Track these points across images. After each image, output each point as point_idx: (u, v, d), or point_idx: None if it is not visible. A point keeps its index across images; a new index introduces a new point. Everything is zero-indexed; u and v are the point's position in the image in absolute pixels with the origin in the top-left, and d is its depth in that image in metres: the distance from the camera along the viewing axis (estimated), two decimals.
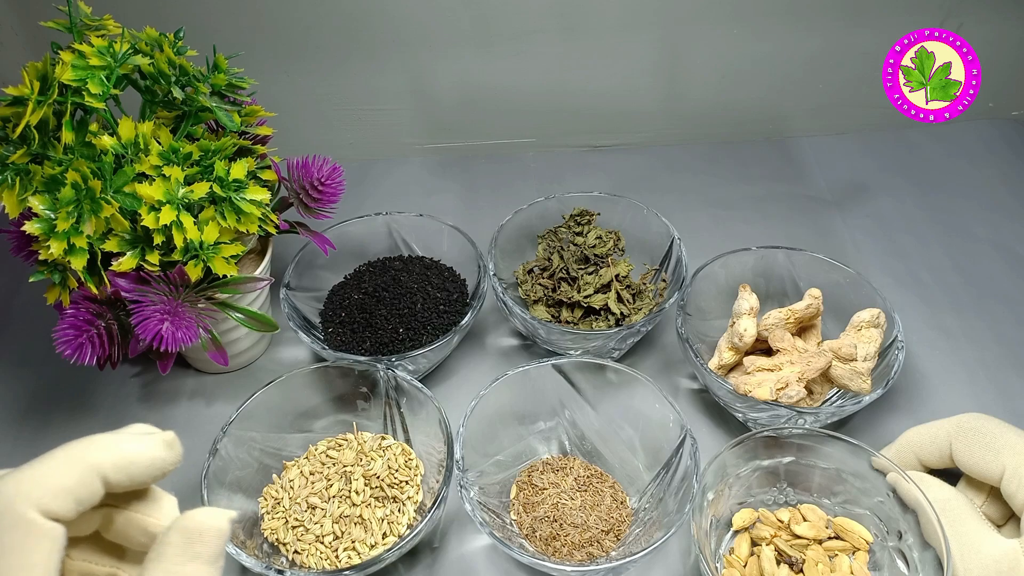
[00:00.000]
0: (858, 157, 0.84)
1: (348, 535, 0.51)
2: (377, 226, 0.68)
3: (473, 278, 0.65)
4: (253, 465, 0.53)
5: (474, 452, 0.52)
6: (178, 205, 0.50)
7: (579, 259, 0.65)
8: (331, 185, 0.60)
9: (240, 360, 0.64)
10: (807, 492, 0.52)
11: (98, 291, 0.51)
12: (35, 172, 0.48)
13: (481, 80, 0.80)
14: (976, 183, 0.80)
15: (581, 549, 0.51)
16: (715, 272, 0.62)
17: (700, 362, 0.56)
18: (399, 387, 0.55)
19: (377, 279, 0.65)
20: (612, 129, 0.85)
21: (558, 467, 0.55)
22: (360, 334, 0.61)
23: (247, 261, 0.60)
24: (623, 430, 0.55)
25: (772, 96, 0.84)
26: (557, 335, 0.60)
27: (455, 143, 0.86)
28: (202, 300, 0.54)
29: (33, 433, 0.60)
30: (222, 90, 0.55)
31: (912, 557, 0.47)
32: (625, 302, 0.62)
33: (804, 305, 0.58)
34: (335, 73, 0.79)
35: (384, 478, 0.53)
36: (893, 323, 0.58)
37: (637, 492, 0.54)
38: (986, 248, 0.73)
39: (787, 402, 0.53)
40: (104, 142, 0.50)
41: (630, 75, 0.81)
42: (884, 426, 0.59)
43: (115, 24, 0.55)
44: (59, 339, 0.51)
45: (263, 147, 0.59)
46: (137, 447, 0.28)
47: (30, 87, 0.47)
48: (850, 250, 0.73)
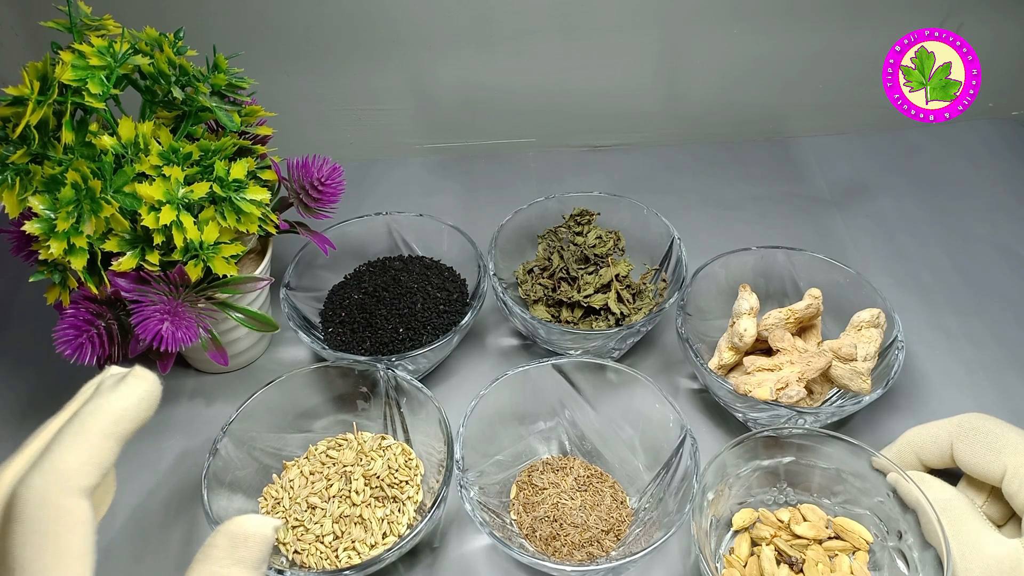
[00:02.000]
0: (858, 157, 0.84)
1: (348, 535, 0.51)
2: (377, 226, 0.68)
3: (473, 278, 0.65)
4: (253, 465, 0.53)
5: (474, 452, 0.52)
6: (178, 205, 0.50)
7: (579, 259, 0.65)
8: (331, 185, 0.60)
9: (240, 360, 0.64)
10: (807, 492, 0.52)
11: (98, 291, 0.51)
12: (35, 172, 0.48)
13: (481, 80, 0.80)
14: (976, 183, 0.80)
15: (581, 549, 0.51)
16: (715, 272, 0.62)
17: (700, 362, 0.56)
18: (399, 387, 0.55)
19: (377, 279, 0.65)
20: (612, 129, 0.85)
21: (558, 467, 0.55)
22: (360, 334, 0.61)
23: (247, 261, 0.60)
24: (623, 430, 0.55)
25: (772, 96, 0.84)
26: (557, 335, 0.60)
27: (455, 143, 0.86)
28: (202, 300, 0.54)
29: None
30: (222, 90, 0.55)
31: (912, 557, 0.47)
32: (625, 302, 0.62)
33: (804, 305, 0.58)
34: (335, 73, 0.79)
35: (384, 478, 0.53)
36: (893, 323, 0.58)
37: (637, 492, 0.54)
38: (986, 248, 0.73)
39: (787, 402, 0.53)
40: (104, 142, 0.50)
41: (630, 75, 0.81)
42: (884, 426, 0.59)
43: (115, 24, 0.55)
44: (59, 339, 0.51)
45: (263, 147, 0.59)
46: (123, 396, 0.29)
47: (30, 87, 0.47)
48: (850, 250, 0.73)
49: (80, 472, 0.27)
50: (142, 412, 0.30)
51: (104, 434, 0.28)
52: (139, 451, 0.59)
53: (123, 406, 0.29)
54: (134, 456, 0.58)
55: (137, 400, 0.30)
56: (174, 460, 0.58)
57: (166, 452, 0.59)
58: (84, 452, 0.28)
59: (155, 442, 0.59)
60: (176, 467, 0.58)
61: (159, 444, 0.59)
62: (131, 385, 0.30)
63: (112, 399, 0.29)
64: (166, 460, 0.58)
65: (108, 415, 0.29)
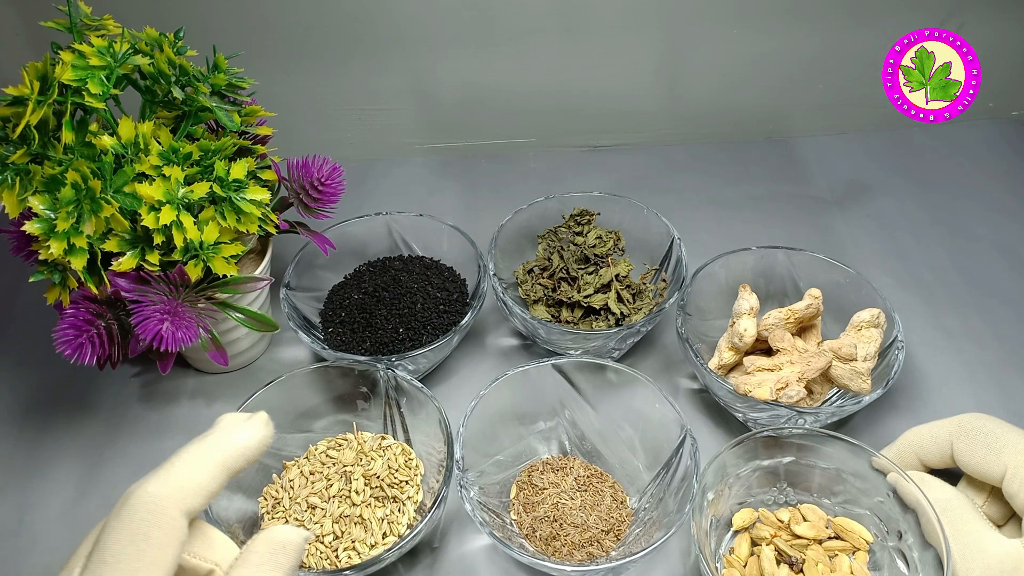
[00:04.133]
0: (858, 157, 0.84)
1: (348, 535, 0.51)
2: (377, 226, 0.68)
3: (473, 278, 0.65)
4: (253, 465, 0.53)
5: (474, 452, 0.52)
6: (178, 205, 0.50)
7: (579, 259, 0.65)
8: (331, 185, 0.60)
9: (240, 360, 0.64)
10: (807, 492, 0.52)
11: (98, 291, 0.51)
12: (35, 172, 0.48)
13: (482, 80, 0.80)
14: (976, 183, 0.80)
15: (581, 549, 0.50)
16: (715, 272, 0.62)
17: (700, 362, 0.56)
18: (399, 387, 0.55)
19: (377, 279, 0.65)
20: (613, 129, 0.85)
21: (558, 467, 0.55)
22: (360, 334, 0.61)
23: (247, 261, 0.61)
24: (623, 430, 0.55)
25: (772, 96, 0.84)
26: (557, 335, 0.60)
27: (455, 143, 0.86)
28: (202, 300, 0.54)
29: (34, 433, 0.60)
30: (222, 90, 0.55)
31: (912, 557, 0.47)
32: (625, 302, 0.62)
33: (804, 305, 0.58)
34: (335, 73, 0.79)
35: (384, 478, 0.53)
36: (893, 323, 0.58)
37: (637, 492, 0.54)
38: (987, 248, 0.73)
39: (787, 402, 0.53)
40: (104, 142, 0.50)
41: (631, 75, 0.81)
42: (884, 426, 0.59)
43: (115, 24, 0.55)
44: (59, 339, 0.51)
45: (263, 147, 0.59)
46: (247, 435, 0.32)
47: (30, 87, 0.47)
48: (850, 250, 0.73)
49: (194, 493, 0.29)
50: (256, 454, 0.32)
51: (223, 466, 0.30)
52: (139, 451, 0.59)
53: (246, 444, 0.31)
54: (134, 456, 0.58)
55: (258, 442, 0.32)
56: None
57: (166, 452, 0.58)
58: (203, 476, 0.30)
59: (155, 442, 0.59)
60: None
61: (159, 444, 0.59)
62: (256, 427, 0.32)
63: (238, 435, 0.31)
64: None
65: (232, 448, 0.31)
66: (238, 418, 0.32)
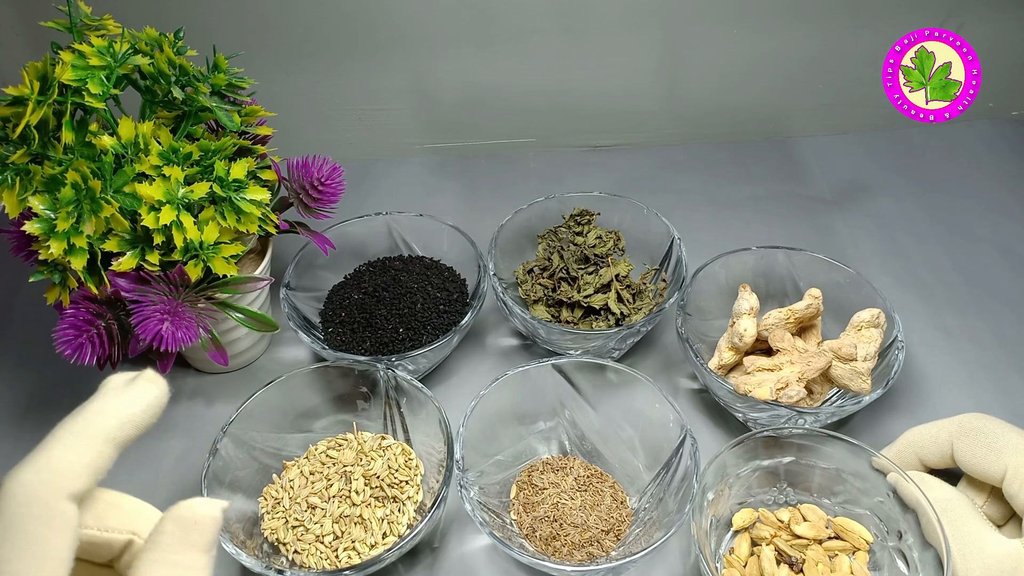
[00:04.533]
0: (858, 157, 0.84)
1: (348, 535, 0.51)
2: (377, 226, 0.68)
3: (473, 278, 0.65)
4: (253, 465, 0.53)
5: (474, 452, 0.52)
6: (178, 205, 0.50)
7: (579, 259, 0.65)
8: (331, 185, 0.60)
9: (240, 360, 0.64)
10: (807, 492, 0.52)
11: (98, 291, 0.51)
12: (35, 172, 0.48)
13: (482, 80, 0.80)
14: (976, 183, 0.80)
15: (581, 549, 0.50)
16: (715, 272, 0.62)
17: (700, 362, 0.56)
18: (399, 387, 0.55)
19: (377, 279, 0.65)
20: (613, 129, 0.85)
21: (558, 467, 0.55)
22: (360, 334, 0.61)
23: (247, 261, 0.60)
24: (623, 430, 0.55)
25: (772, 96, 0.84)
26: (557, 335, 0.60)
27: (455, 143, 0.86)
28: (202, 300, 0.54)
29: (33, 433, 0.60)
30: (222, 90, 0.55)
31: (912, 557, 0.47)
32: (625, 302, 0.62)
33: (804, 305, 0.58)
34: (335, 73, 0.79)
35: (384, 478, 0.53)
36: (893, 323, 0.58)
37: (637, 492, 0.54)
38: (986, 248, 0.73)
39: (787, 402, 0.53)
40: (104, 142, 0.50)
41: (630, 75, 0.81)
42: (884, 426, 0.59)
43: (115, 24, 0.55)
44: (59, 339, 0.51)
45: (263, 147, 0.59)
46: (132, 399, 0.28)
47: (30, 87, 0.47)
48: (850, 250, 0.73)
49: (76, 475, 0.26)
50: (148, 419, 0.28)
51: (106, 438, 0.27)
52: (139, 451, 0.59)
53: (130, 411, 0.28)
54: (134, 456, 0.58)
55: (145, 406, 0.28)
56: (174, 460, 0.58)
57: (166, 452, 0.59)
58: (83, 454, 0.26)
59: (155, 442, 0.59)
60: (176, 467, 0.58)
61: (159, 444, 0.59)
62: (141, 389, 0.28)
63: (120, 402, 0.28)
64: (166, 460, 0.58)
65: (113, 418, 0.27)
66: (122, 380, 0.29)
